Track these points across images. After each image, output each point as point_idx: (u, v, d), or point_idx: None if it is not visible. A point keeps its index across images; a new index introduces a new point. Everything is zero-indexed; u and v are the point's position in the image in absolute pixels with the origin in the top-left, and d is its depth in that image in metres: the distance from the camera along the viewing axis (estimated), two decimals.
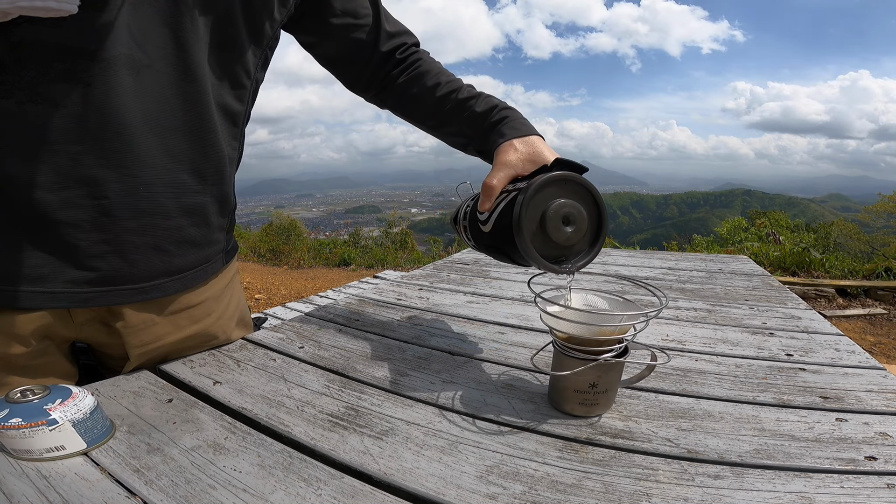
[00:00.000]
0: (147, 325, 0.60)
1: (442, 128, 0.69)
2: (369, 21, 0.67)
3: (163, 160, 0.53)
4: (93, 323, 0.58)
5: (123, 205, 0.51)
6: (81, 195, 0.49)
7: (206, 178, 0.58)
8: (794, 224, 7.75)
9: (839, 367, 0.68)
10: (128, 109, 0.48)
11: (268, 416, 0.52)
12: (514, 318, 0.90)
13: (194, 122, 0.54)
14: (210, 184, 0.59)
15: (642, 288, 0.55)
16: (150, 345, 0.61)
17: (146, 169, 0.51)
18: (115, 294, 0.55)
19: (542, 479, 0.42)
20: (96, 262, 0.52)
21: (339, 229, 21.24)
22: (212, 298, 0.67)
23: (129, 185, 0.51)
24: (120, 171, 0.50)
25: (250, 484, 0.41)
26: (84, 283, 0.53)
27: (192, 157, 0.55)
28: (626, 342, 0.51)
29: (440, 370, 0.65)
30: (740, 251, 5.32)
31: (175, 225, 0.57)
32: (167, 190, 0.54)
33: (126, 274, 0.55)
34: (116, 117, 0.48)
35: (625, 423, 0.52)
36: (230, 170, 0.62)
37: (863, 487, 0.41)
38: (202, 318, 0.66)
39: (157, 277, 0.57)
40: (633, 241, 13.64)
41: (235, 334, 0.73)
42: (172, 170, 0.54)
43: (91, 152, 0.48)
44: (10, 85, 0.44)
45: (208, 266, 0.64)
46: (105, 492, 0.39)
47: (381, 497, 0.40)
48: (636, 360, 0.56)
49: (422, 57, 0.71)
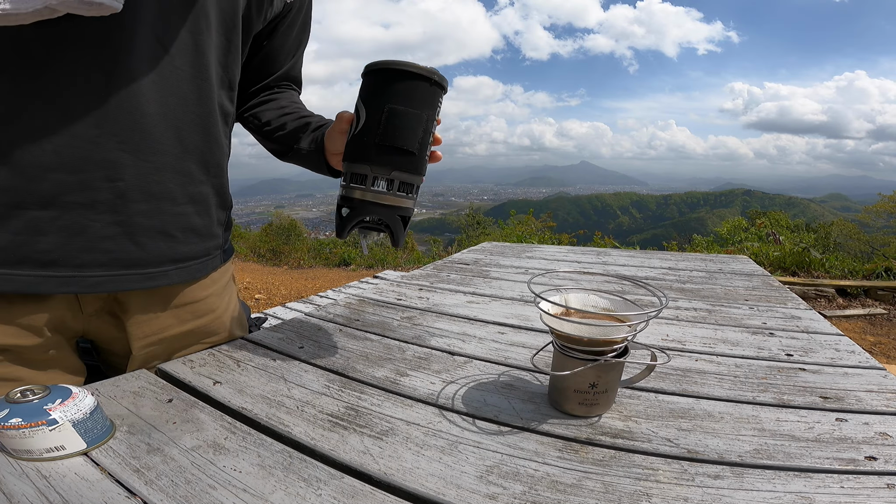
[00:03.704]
0: (151, 318, 0.62)
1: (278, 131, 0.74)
2: (290, 62, 0.75)
3: (176, 149, 0.56)
4: (101, 314, 0.60)
5: (137, 188, 0.54)
6: (99, 177, 0.51)
7: (210, 169, 0.62)
8: (794, 224, 7.75)
9: (839, 367, 0.68)
10: (148, 100, 0.52)
11: (268, 416, 0.52)
12: (514, 318, 0.90)
13: (205, 117, 0.58)
14: (212, 175, 0.63)
15: (642, 288, 0.55)
16: (152, 337, 0.63)
17: (160, 156, 0.55)
18: (124, 279, 0.56)
19: (542, 479, 0.42)
20: (107, 243, 0.54)
21: None
22: (214, 295, 0.69)
23: (144, 169, 0.54)
24: (137, 155, 0.53)
25: (250, 484, 0.41)
26: (95, 265, 0.54)
27: (201, 148, 0.59)
28: (627, 342, 0.51)
29: (440, 370, 0.65)
30: (740, 251, 5.32)
31: (181, 211, 0.59)
32: (176, 177, 0.57)
33: (135, 257, 0.57)
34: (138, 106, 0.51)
35: (625, 423, 0.52)
36: (226, 165, 0.66)
37: (863, 487, 0.41)
38: (204, 314, 0.68)
39: (163, 264, 0.59)
40: (632, 241, 13.66)
41: (236, 332, 0.74)
42: (183, 159, 0.58)
43: (111, 137, 0.51)
44: (37, 70, 0.47)
45: (209, 260, 0.66)
46: (105, 492, 0.39)
47: (381, 497, 0.40)
48: (636, 360, 0.56)
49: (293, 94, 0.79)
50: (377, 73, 0.53)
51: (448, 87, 0.56)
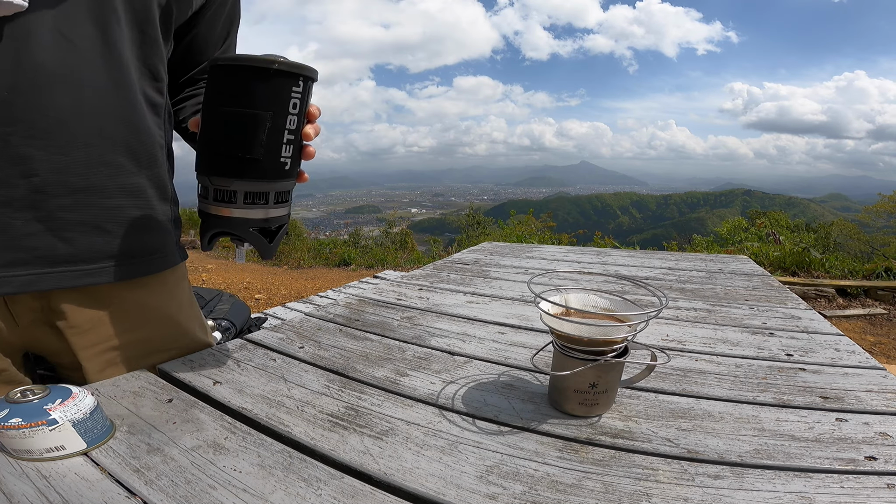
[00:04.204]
0: (94, 325, 0.59)
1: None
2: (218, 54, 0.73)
3: (99, 141, 0.55)
4: (38, 325, 0.58)
5: (56, 182, 0.53)
6: (13, 174, 0.50)
7: (141, 160, 0.60)
8: (794, 224, 7.75)
9: (839, 367, 0.68)
10: (59, 94, 0.51)
11: (268, 416, 0.52)
12: (514, 318, 0.89)
13: (128, 108, 0.57)
14: (145, 166, 0.61)
15: (642, 288, 0.55)
16: (99, 346, 0.60)
17: (80, 149, 0.54)
18: (52, 277, 0.54)
19: (542, 479, 0.42)
20: (31, 240, 0.53)
21: (339, 229, 21.25)
22: (168, 298, 0.66)
23: (61, 163, 0.53)
24: (50, 150, 0.52)
25: (250, 484, 0.40)
26: (20, 264, 0.52)
27: (128, 140, 0.58)
28: (627, 342, 0.51)
29: (440, 370, 0.65)
30: (740, 251, 5.32)
31: (115, 205, 0.58)
32: (104, 169, 0.56)
33: (63, 254, 0.55)
34: (48, 101, 0.50)
35: (625, 423, 0.52)
36: (161, 155, 0.64)
37: (863, 487, 0.41)
38: (158, 320, 0.65)
39: (98, 260, 0.57)
40: (632, 241, 13.69)
41: (202, 338, 0.72)
42: (109, 151, 0.56)
43: (21, 133, 0.50)
44: None
45: (157, 258, 0.64)
46: (105, 492, 0.39)
47: (381, 497, 0.40)
48: (636, 360, 0.56)
49: None
50: (211, 72, 0.49)
51: (309, 73, 0.50)
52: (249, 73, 0.47)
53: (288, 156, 0.51)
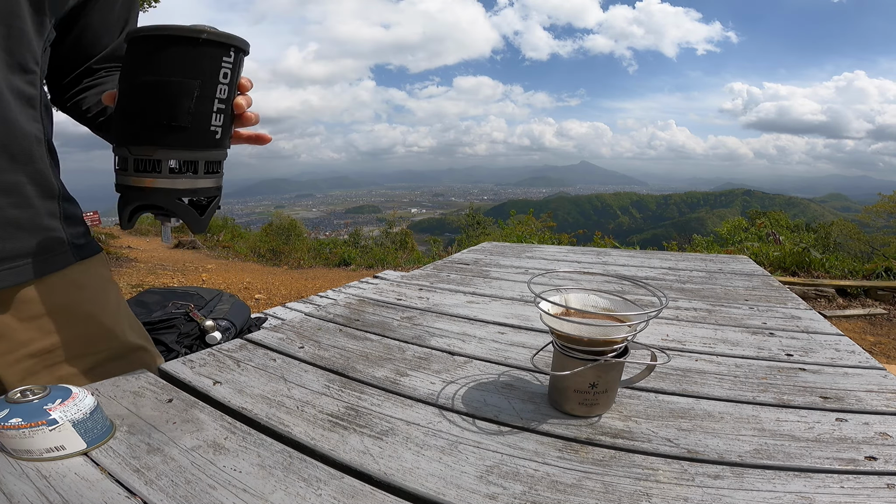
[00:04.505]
0: (2, 333, 0.57)
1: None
2: (116, 43, 0.71)
3: None
4: None
5: None
6: None
7: (16, 157, 0.58)
8: (794, 224, 7.75)
9: (839, 367, 0.68)
10: None
11: (268, 416, 0.52)
12: (514, 318, 0.90)
13: None
14: (21, 163, 0.58)
15: (642, 288, 0.55)
16: (13, 353, 0.58)
17: None
18: None
19: (542, 479, 0.42)
20: None
21: (339, 229, 21.17)
22: (83, 298, 0.64)
23: None
24: None
25: (250, 484, 0.41)
26: None
27: None
28: (627, 342, 0.51)
29: (440, 370, 0.65)
30: (740, 251, 5.32)
31: None
32: None
33: None
34: None
35: (625, 423, 0.52)
36: (40, 150, 0.61)
37: (863, 487, 0.41)
38: (76, 321, 0.63)
39: None
40: (632, 241, 13.69)
41: (134, 341, 0.70)
42: None
43: None
44: None
45: (50, 258, 0.61)
46: (105, 492, 0.39)
47: (381, 497, 0.40)
48: (636, 360, 0.56)
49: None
50: (133, 43, 0.48)
51: (240, 44, 0.49)
52: (177, 41, 0.46)
53: (218, 124, 0.50)
